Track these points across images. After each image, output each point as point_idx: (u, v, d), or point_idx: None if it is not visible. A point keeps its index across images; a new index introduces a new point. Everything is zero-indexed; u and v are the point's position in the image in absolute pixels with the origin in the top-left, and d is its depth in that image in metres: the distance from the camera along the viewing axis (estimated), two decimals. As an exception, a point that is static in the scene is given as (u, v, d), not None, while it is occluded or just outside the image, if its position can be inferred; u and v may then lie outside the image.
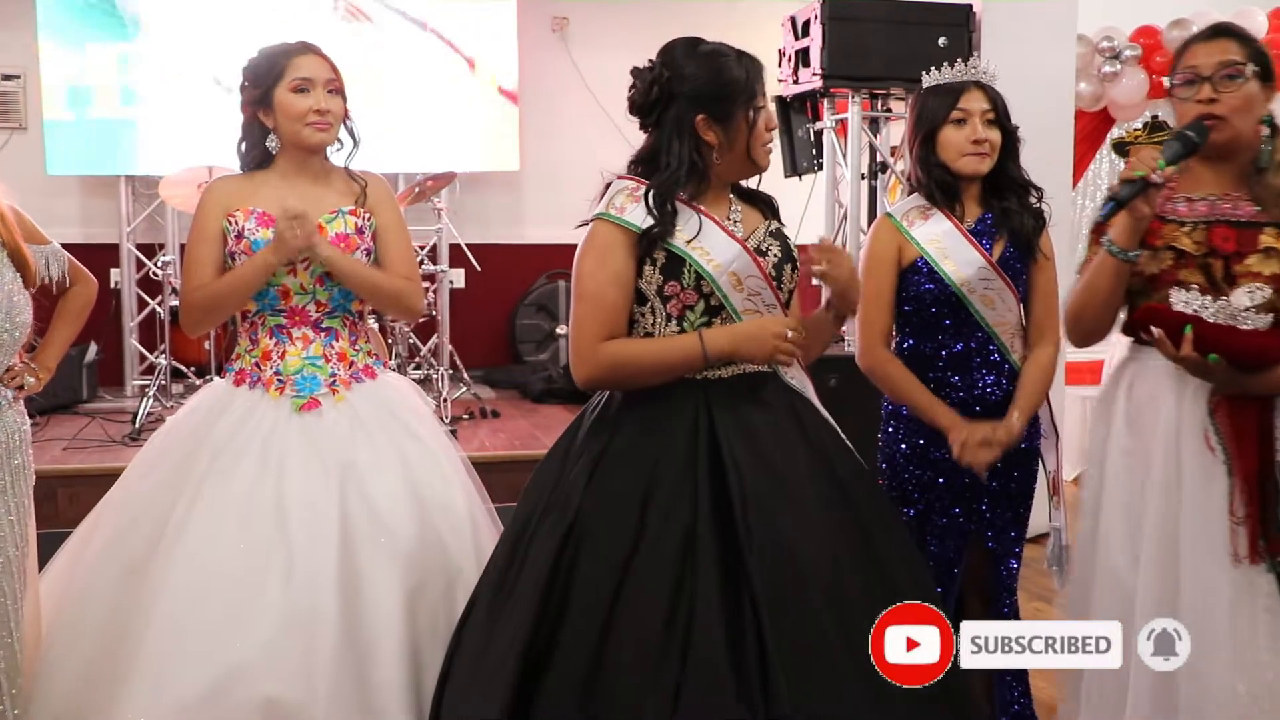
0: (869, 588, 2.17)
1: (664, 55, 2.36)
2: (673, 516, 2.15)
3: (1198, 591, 2.31)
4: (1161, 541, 2.35)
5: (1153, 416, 2.41)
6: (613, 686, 2.04)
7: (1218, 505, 2.33)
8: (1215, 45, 2.38)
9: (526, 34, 7.42)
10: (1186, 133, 2.34)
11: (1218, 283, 2.36)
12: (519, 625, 2.14)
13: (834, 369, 4.07)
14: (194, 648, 2.47)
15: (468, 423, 6.26)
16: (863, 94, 4.97)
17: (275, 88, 2.72)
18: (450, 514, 2.73)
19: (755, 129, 2.32)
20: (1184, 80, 2.39)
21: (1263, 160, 2.39)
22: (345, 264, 2.73)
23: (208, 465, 2.65)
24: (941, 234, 2.88)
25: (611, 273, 2.29)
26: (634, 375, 2.29)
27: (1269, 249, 2.35)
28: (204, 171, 5.70)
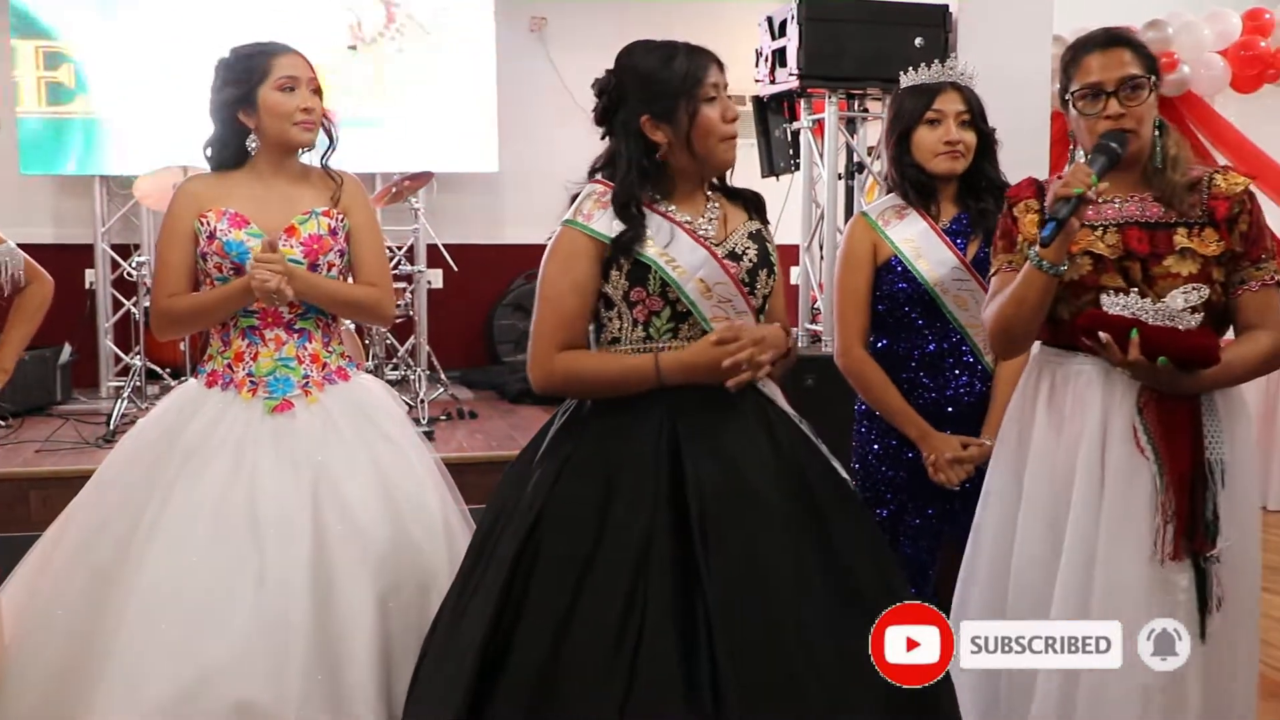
0: (834, 598, 2.15)
1: (617, 60, 2.36)
2: (631, 522, 2.14)
3: (1111, 589, 2.32)
4: (1083, 541, 2.36)
5: (1078, 418, 2.41)
6: (563, 689, 2.04)
7: (1139, 504, 2.34)
8: (1113, 57, 2.38)
9: (504, 34, 7.40)
10: (1109, 145, 2.35)
11: (1138, 284, 2.37)
12: (478, 625, 2.14)
13: (811, 369, 4.08)
14: (165, 650, 2.45)
15: (445, 424, 6.24)
16: (839, 94, 4.97)
17: (260, 87, 2.71)
18: (424, 516, 2.72)
19: (697, 122, 2.27)
20: (1086, 95, 2.39)
21: (1158, 160, 2.41)
22: (317, 290, 2.74)
23: (179, 467, 2.64)
24: (916, 234, 2.89)
25: (572, 281, 2.29)
26: (586, 390, 2.31)
27: (1184, 249, 2.37)
28: (179, 171, 5.65)
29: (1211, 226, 2.39)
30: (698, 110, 2.27)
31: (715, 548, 2.11)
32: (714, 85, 2.29)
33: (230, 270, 2.72)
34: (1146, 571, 2.33)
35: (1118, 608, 2.31)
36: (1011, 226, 2.51)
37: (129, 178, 6.42)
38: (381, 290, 2.85)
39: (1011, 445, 2.55)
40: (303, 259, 2.73)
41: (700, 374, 2.23)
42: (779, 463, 2.26)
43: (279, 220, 2.74)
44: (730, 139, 2.32)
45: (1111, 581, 2.33)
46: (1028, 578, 2.45)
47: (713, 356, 2.21)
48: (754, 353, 2.22)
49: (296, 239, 2.74)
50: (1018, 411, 2.56)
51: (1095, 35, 2.45)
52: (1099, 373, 2.40)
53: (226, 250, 2.70)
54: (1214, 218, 2.39)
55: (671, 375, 2.24)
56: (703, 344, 2.24)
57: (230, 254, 2.70)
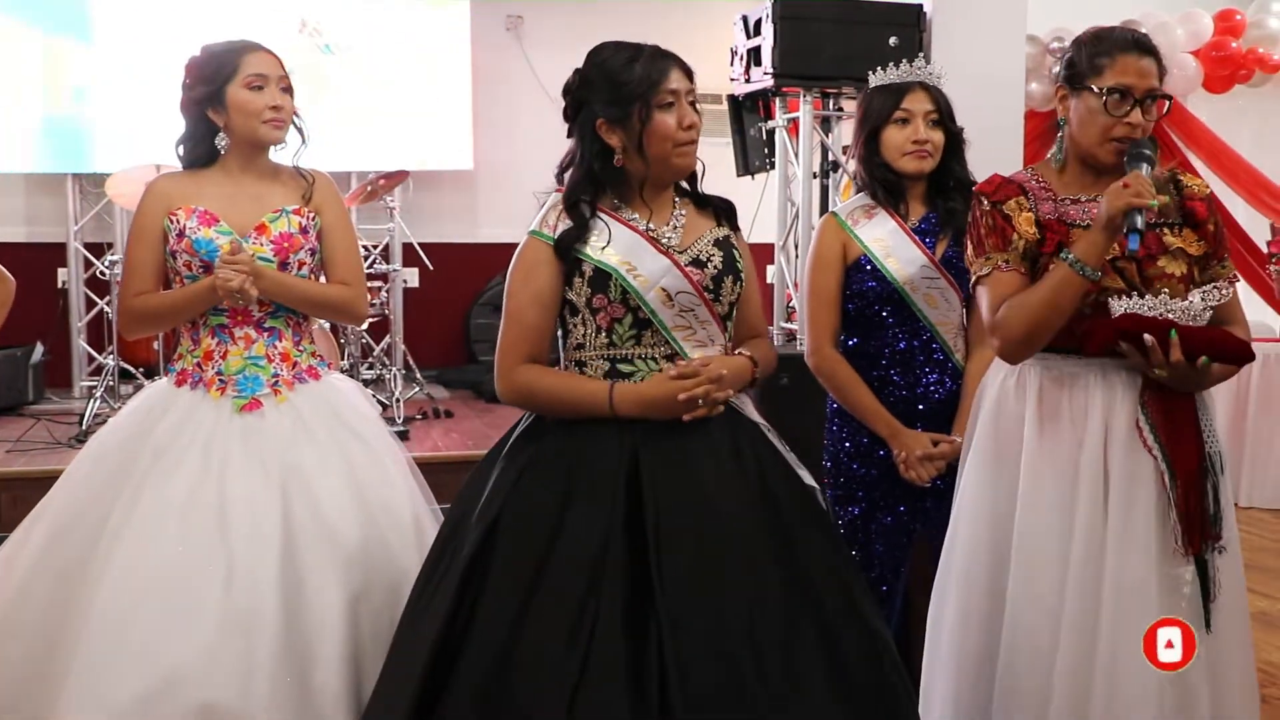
0: (789, 609, 2.15)
1: (585, 60, 2.35)
2: (588, 526, 2.14)
3: (1121, 590, 2.33)
4: (1091, 544, 2.36)
5: (1077, 419, 2.40)
6: (514, 688, 2.04)
7: (1143, 504, 2.34)
8: (1145, 64, 2.39)
9: (480, 32, 7.38)
10: (1146, 153, 2.35)
11: (1135, 285, 2.38)
12: (433, 623, 2.14)
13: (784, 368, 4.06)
14: (131, 651, 2.43)
15: (421, 423, 6.22)
16: (814, 93, 4.97)
17: (228, 85, 2.70)
18: (394, 516, 2.71)
19: (649, 128, 2.24)
20: (1118, 95, 2.38)
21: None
22: (287, 290, 2.74)
23: (148, 466, 2.62)
24: (886, 233, 2.90)
25: (533, 292, 2.29)
26: (542, 408, 2.31)
27: (1175, 249, 2.38)
28: (152, 169, 5.61)
29: (1191, 227, 2.41)
30: (650, 115, 2.25)
31: (669, 554, 2.11)
32: (672, 91, 2.26)
33: (200, 268, 2.70)
34: (1154, 570, 2.33)
35: (1127, 608, 2.32)
36: (1005, 225, 2.46)
37: (102, 175, 6.38)
38: (354, 289, 2.85)
39: (990, 450, 2.52)
40: (273, 257, 2.72)
41: (656, 408, 2.22)
42: (740, 474, 2.25)
43: (249, 218, 2.73)
44: (684, 145, 2.29)
45: (1121, 583, 2.33)
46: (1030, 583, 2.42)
47: (669, 390, 2.20)
48: (710, 390, 2.21)
49: (267, 237, 2.73)
50: (997, 416, 2.53)
51: (1129, 36, 2.44)
52: (1097, 375, 2.40)
53: (196, 248, 2.69)
54: (1195, 219, 2.41)
55: (625, 407, 2.22)
56: (660, 378, 2.23)
57: (199, 252, 2.69)
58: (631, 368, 2.29)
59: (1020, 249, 2.43)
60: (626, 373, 2.29)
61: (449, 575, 2.20)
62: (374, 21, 7.18)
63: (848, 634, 2.18)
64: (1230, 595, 2.40)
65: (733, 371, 2.28)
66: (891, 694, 2.19)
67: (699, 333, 2.32)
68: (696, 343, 2.32)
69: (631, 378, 2.28)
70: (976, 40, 4.83)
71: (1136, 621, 2.31)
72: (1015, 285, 2.42)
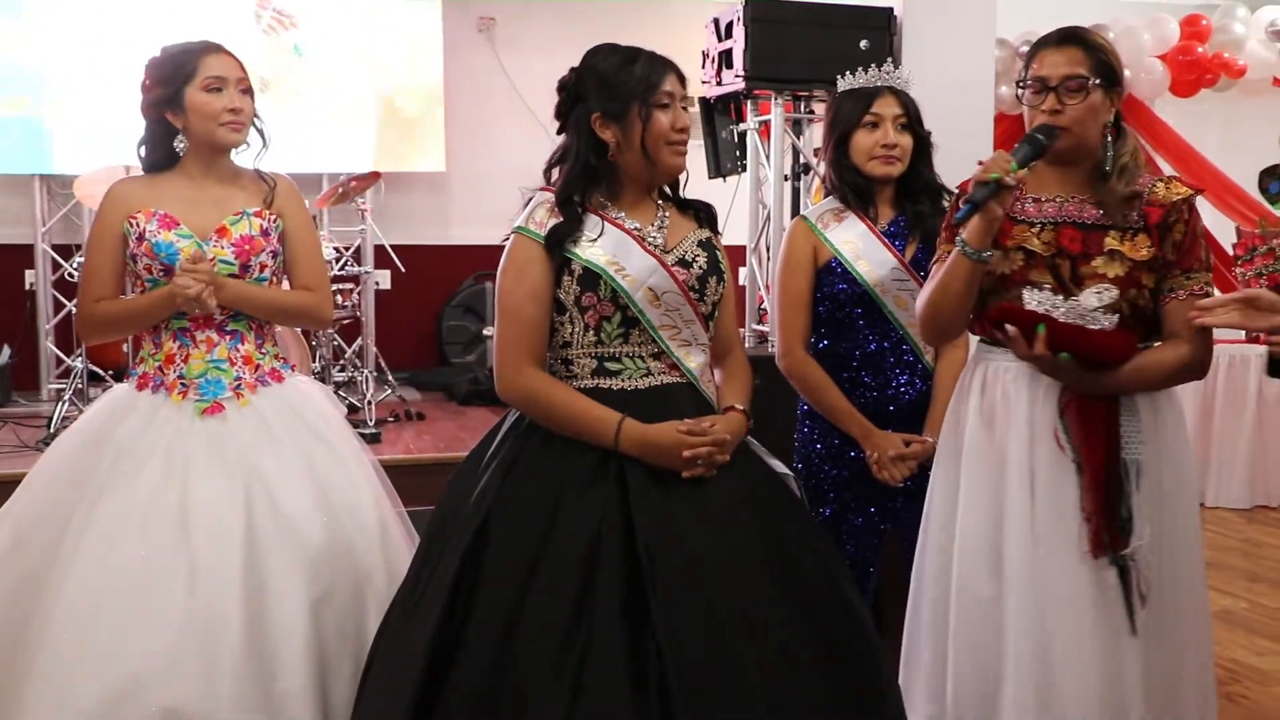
0: (782, 598, 2.18)
1: (582, 60, 2.37)
2: (580, 523, 2.15)
3: (1050, 585, 2.36)
4: (1023, 539, 2.39)
5: (1006, 415, 2.44)
6: (511, 691, 2.04)
7: (1070, 502, 2.37)
8: (1063, 54, 2.42)
9: (452, 34, 7.37)
10: (1036, 136, 2.39)
11: (1066, 283, 2.40)
12: (425, 628, 2.14)
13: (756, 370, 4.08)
14: (93, 655, 2.42)
15: (393, 425, 6.21)
16: (785, 96, 4.99)
17: (186, 87, 2.68)
18: (358, 518, 2.70)
19: (650, 126, 2.28)
20: (1033, 89, 2.43)
21: (1105, 165, 2.44)
22: (251, 299, 2.74)
23: (109, 471, 2.60)
24: (856, 236, 2.92)
25: (528, 288, 2.30)
26: (543, 418, 2.30)
27: (1113, 251, 2.40)
28: (121, 170, 5.57)
29: (1144, 232, 2.42)
30: (650, 114, 2.29)
31: (662, 550, 2.13)
32: (669, 93, 2.31)
33: (160, 272, 2.69)
34: (1080, 568, 2.36)
35: (1060, 605, 2.35)
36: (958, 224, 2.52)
37: (70, 177, 6.33)
38: (319, 294, 2.85)
39: (950, 443, 2.58)
40: (234, 259, 2.71)
41: (658, 454, 2.22)
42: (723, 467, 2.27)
43: (210, 221, 2.72)
44: (677, 145, 2.33)
45: (1050, 579, 2.36)
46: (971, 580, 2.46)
47: (676, 441, 2.21)
48: (713, 453, 2.23)
49: (228, 239, 2.71)
50: (955, 408, 2.59)
51: (1055, 31, 2.49)
52: (1025, 369, 2.43)
53: (156, 252, 2.67)
54: (1147, 223, 2.42)
55: (628, 445, 2.22)
56: (668, 427, 2.23)
57: (160, 255, 2.67)
58: (619, 365, 2.31)
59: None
60: (614, 370, 2.30)
61: (436, 580, 2.19)
62: (345, 22, 7.16)
63: (835, 619, 2.22)
64: (1183, 605, 2.40)
65: (734, 435, 2.31)
66: (875, 671, 2.24)
67: (684, 332, 2.34)
68: (681, 342, 2.34)
69: (619, 375, 2.30)
70: (947, 43, 4.86)
71: (1070, 619, 2.34)
72: None
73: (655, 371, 2.32)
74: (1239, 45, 6.71)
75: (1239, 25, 6.71)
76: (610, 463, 2.22)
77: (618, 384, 2.30)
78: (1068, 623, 2.35)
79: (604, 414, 2.24)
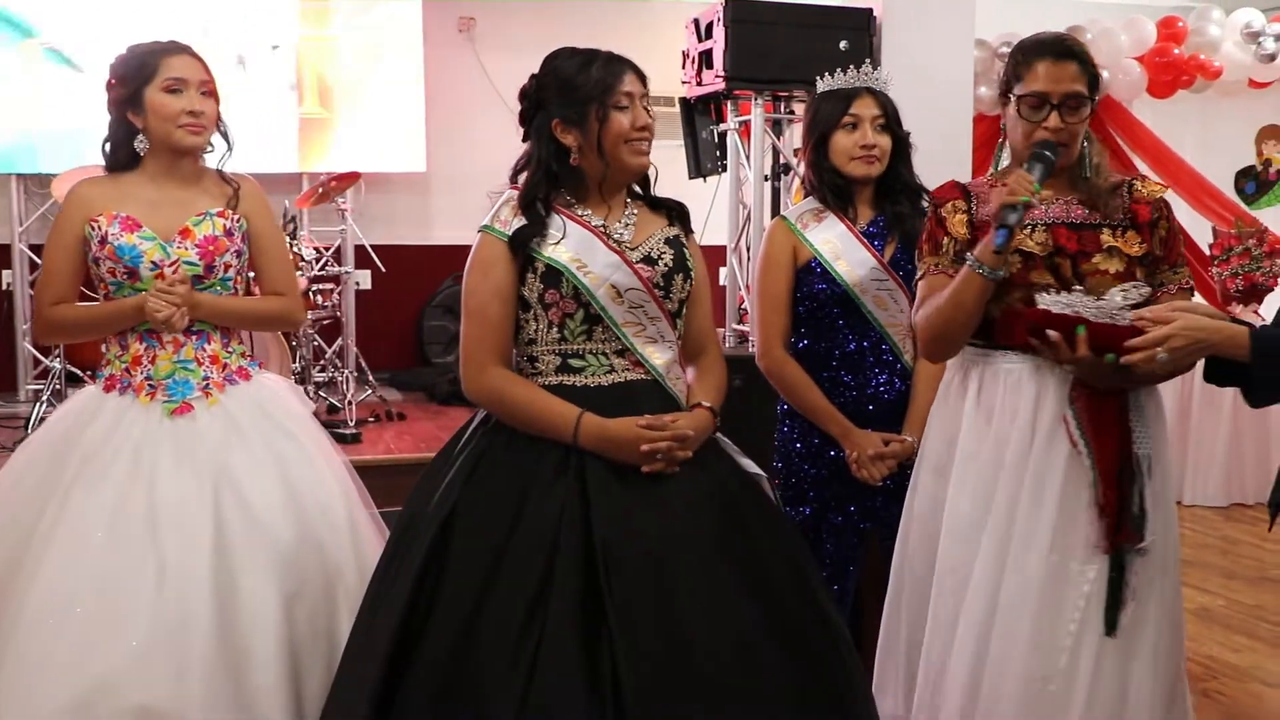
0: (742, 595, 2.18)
1: (541, 66, 2.40)
2: (542, 520, 2.17)
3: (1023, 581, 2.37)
4: (998, 536, 2.41)
5: (1008, 416, 2.44)
6: (468, 683, 2.06)
7: (1052, 498, 2.37)
8: (1064, 70, 2.42)
9: (432, 34, 7.37)
10: (1045, 154, 2.40)
11: (1067, 281, 2.42)
12: (389, 622, 2.16)
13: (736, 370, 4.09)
14: (61, 657, 2.41)
15: (373, 425, 6.20)
16: (765, 96, 5.00)
17: (146, 87, 2.66)
18: (328, 515, 2.70)
19: (606, 128, 2.30)
20: (1032, 104, 2.43)
21: (1087, 169, 2.47)
22: (225, 313, 2.75)
23: (76, 472, 2.59)
24: (835, 236, 2.93)
25: (493, 287, 2.31)
26: (507, 415, 2.32)
27: (1110, 248, 2.42)
28: (97, 170, 5.54)
29: (1134, 229, 2.45)
30: (607, 115, 2.30)
31: (618, 544, 2.14)
32: (627, 94, 2.32)
33: (123, 274, 2.68)
34: (1057, 565, 2.37)
35: (1026, 600, 2.36)
36: (937, 229, 2.53)
37: (47, 176, 6.30)
38: (289, 298, 2.86)
39: (937, 445, 2.58)
40: (198, 260, 2.70)
41: (617, 448, 2.23)
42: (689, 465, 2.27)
43: (173, 223, 2.70)
44: (637, 144, 2.34)
45: (1023, 574, 2.37)
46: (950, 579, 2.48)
47: (635, 435, 2.23)
48: (673, 447, 2.24)
49: (191, 240, 2.70)
50: (942, 411, 2.59)
51: (1048, 41, 2.48)
52: (1029, 370, 2.43)
53: (119, 255, 2.66)
54: (1137, 220, 2.45)
55: (587, 439, 2.24)
56: (628, 421, 2.24)
57: (123, 258, 2.66)
58: (582, 363, 2.32)
59: (951, 252, 2.49)
60: (577, 367, 2.32)
61: (406, 567, 2.21)
62: (325, 22, 7.14)
63: (802, 621, 2.22)
64: (1158, 606, 2.41)
65: (698, 431, 2.31)
66: (841, 668, 2.24)
67: (649, 329, 2.35)
68: (647, 339, 2.35)
69: (582, 372, 2.31)
70: (926, 44, 4.88)
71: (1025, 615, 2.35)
72: (940, 288, 2.47)
73: (619, 368, 2.33)
74: (1215, 47, 6.75)
75: (1214, 27, 6.75)
76: (571, 458, 2.24)
77: (581, 380, 2.31)
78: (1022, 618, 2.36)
79: (564, 409, 2.26)
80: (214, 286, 2.74)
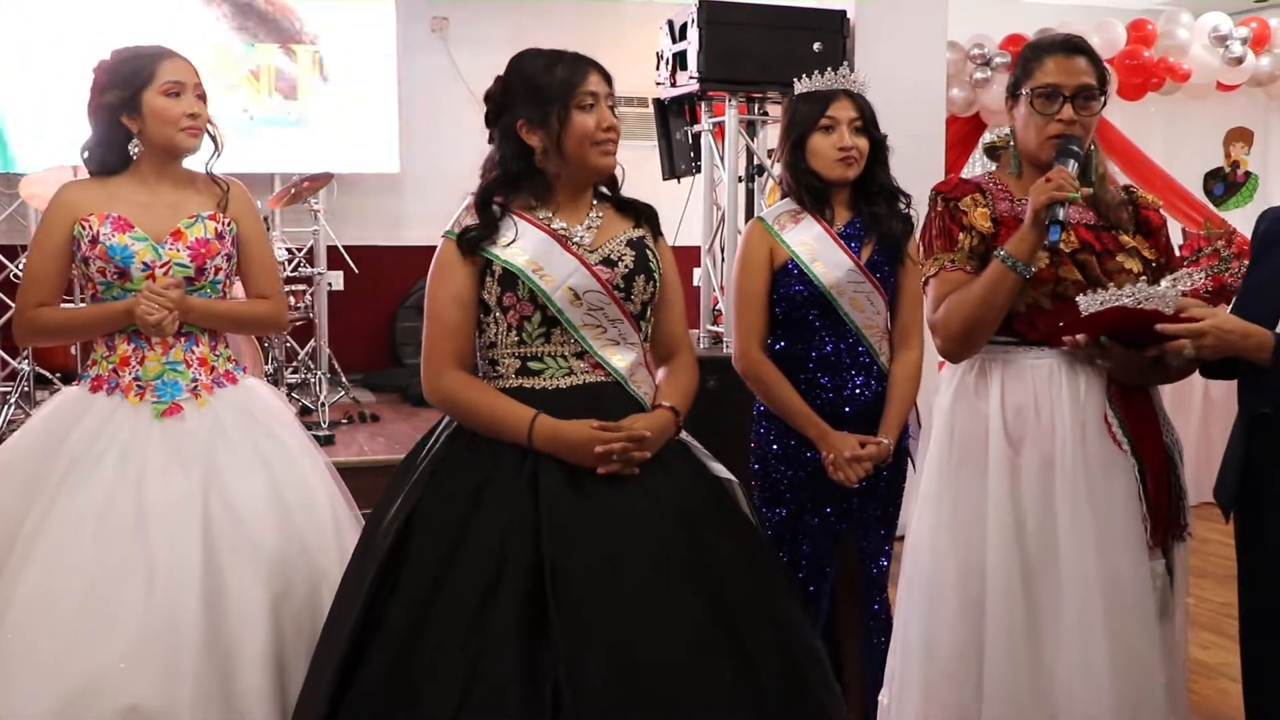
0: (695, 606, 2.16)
1: (507, 66, 2.39)
2: (493, 524, 2.17)
3: (1107, 584, 2.37)
4: (1077, 537, 2.40)
5: (1043, 413, 2.44)
6: (412, 685, 2.07)
7: (1121, 497, 2.39)
8: (1074, 64, 2.44)
9: (406, 34, 7.35)
10: (1073, 148, 2.41)
11: (1096, 277, 2.43)
12: (347, 625, 2.17)
13: (711, 371, 4.10)
14: (49, 658, 2.41)
15: (346, 427, 6.17)
16: (739, 97, 5.02)
17: (145, 91, 2.66)
18: (314, 518, 2.72)
19: (568, 128, 2.29)
20: (1045, 95, 2.44)
21: (1091, 176, 2.48)
22: (215, 316, 2.76)
23: (63, 474, 2.59)
24: (812, 238, 2.93)
25: (451, 292, 2.32)
26: (463, 418, 2.32)
27: (1131, 248, 2.46)
28: (69, 170, 5.49)
29: (1145, 235, 2.49)
30: (569, 116, 2.29)
31: (565, 551, 2.13)
32: (591, 94, 2.31)
33: (114, 274, 2.67)
34: (1138, 563, 2.39)
35: (1113, 599, 2.37)
36: (951, 225, 2.52)
37: (16, 176, 6.24)
38: (275, 302, 2.88)
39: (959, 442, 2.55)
40: (190, 262, 2.70)
41: (571, 450, 2.23)
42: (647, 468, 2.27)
43: (165, 225, 2.70)
44: (604, 145, 2.33)
45: (1106, 577, 2.37)
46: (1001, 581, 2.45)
47: (588, 436, 2.22)
48: (628, 448, 2.23)
49: (183, 243, 2.70)
50: (959, 409, 2.57)
51: (1057, 38, 2.51)
52: (1060, 365, 2.44)
53: (110, 255, 2.65)
54: (1149, 227, 2.50)
55: (541, 441, 2.23)
56: (582, 424, 2.23)
57: (114, 258, 2.66)
58: (541, 365, 2.32)
59: (967, 248, 2.50)
60: (536, 370, 2.32)
61: (366, 570, 2.23)
62: (298, 22, 7.11)
63: (758, 630, 2.20)
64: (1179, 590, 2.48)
65: (656, 432, 2.29)
66: (804, 687, 2.21)
67: (609, 331, 2.34)
68: (607, 341, 2.34)
69: (541, 375, 2.31)
70: (899, 46, 4.91)
71: (1132, 616, 2.37)
72: (959, 284, 2.47)
73: (578, 371, 2.32)
74: (1183, 50, 6.80)
75: (1183, 30, 6.80)
76: (527, 461, 2.23)
77: (540, 383, 2.31)
78: (1132, 620, 2.38)
79: (519, 411, 2.26)
80: (204, 289, 2.74)
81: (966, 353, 2.54)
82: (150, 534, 2.53)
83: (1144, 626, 2.39)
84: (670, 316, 2.47)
